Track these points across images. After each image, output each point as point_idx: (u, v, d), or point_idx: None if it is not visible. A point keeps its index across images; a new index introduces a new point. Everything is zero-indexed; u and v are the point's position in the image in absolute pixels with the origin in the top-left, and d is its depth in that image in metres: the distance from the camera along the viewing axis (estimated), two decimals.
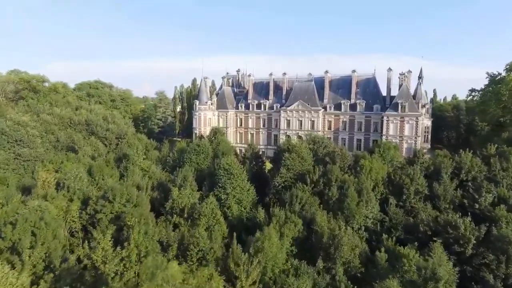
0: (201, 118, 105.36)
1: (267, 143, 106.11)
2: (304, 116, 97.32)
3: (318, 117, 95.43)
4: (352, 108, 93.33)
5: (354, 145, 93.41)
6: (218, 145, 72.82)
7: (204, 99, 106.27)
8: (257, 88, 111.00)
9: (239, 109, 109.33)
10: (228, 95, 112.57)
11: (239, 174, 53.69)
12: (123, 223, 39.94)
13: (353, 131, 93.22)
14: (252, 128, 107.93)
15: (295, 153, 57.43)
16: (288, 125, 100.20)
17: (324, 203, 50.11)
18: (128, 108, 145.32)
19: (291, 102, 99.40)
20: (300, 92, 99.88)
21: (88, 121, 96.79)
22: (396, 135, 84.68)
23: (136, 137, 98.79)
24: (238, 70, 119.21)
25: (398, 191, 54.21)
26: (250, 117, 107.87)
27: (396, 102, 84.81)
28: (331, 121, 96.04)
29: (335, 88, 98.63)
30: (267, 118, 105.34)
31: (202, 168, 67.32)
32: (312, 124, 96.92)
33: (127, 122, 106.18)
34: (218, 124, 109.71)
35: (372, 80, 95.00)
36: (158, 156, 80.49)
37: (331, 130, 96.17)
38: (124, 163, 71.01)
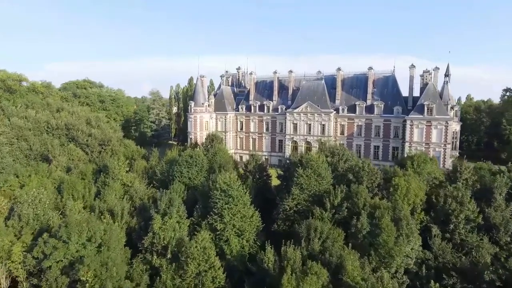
0: (196, 121, 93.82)
1: (271, 149, 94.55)
2: (313, 120, 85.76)
3: (329, 120, 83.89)
4: (369, 111, 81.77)
5: (371, 152, 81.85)
6: (214, 156, 61.27)
7: (200, 100, 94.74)
8: (260, 87, 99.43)
9: (240, 111, 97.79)
10: (227, 95, 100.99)
11: (240, 196, 42.17)
12: (77, 277, 28.42)
13: (370, 136, 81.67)
14: (254, 132, 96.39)
15: (310, 169, 45.86)
16: (294, 129, 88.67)
17: (350, 236, 38.56)
18: (119, 109, 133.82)
19: (298, 104, 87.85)
20: (308, 92, 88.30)
21: (68, 125, 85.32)
22: (421, 141, 73.09)
23: (123, 144, 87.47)
24: (239, 67, 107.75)
25: (442, 218, 42.77)
26: (252, 120, 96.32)
27: (422, 103, 73.23)
28: (344, 125, 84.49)
29: (348, 88, 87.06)
30: (271, 122, 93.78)
31: (195, 184, 55.87)
32: (322, 129, 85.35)
33: (114, 126, 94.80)
34: (216, 128, 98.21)
35: (391, 79, 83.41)
36: (145, 167, 68.98)
37: (344, 135, 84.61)
38: (102, 177, 59.61)
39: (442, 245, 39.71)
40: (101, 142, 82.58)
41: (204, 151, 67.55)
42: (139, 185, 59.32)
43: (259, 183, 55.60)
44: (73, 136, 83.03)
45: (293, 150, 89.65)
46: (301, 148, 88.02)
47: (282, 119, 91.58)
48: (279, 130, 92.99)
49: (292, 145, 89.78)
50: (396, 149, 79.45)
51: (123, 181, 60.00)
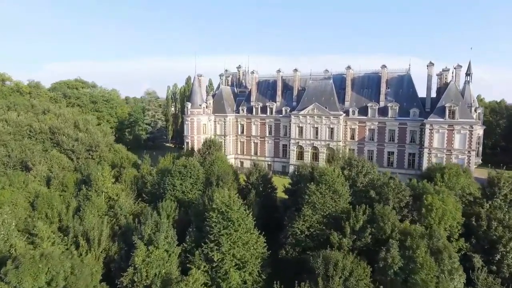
0: (193, 124, 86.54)
1: (274, 154, 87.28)
2: (320, 123, 78.49)
3: (339, 123, 76.62)
4: (382, 113, 74.50)
5: (384, 159, 74.60)
6: (212, 165, 54.00)
7: (198, 101, 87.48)
8: (262, 87, 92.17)
9: (240, 113, 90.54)
10: (227, 96, 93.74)
11: (241, 219, 34.95)
12: None
13: (383, 141, 74.40)
14: (256, 136, 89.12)
15: (324, 184, 38.62)
16: (300, 133, 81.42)
17: (378, 271, 31.34)
18: (112, 110, 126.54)
19: (304, 105, 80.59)
20: (315, 93, 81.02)
21: (53, 129, 78.07)
22: (442, 148, 65.85)
23: (113, 149, 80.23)
24: (239, 66, 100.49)
25: (485, 246, 35.56)
26: (254, 122, 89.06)
27: (443, 105, 65.98)
28: (354, 129, 77.20)
29: (359, 88, 79.78)
30: (274, 124, 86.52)
31: (189, 198, 48.69)
32: (330, 132, 78.08)
33: (104, 130, 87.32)
34: (214, 131, 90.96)
35: (406, 78, 76.10)
36: (135, 176, 61.74)
37: (355, 140, 77.35)
38: (84, 190, 52.39)
39: (488, 280, 32.59)
40: (88, 148, 75.35)
41: (201, 159, 60.38)
42: (125, 199, 52.20)
43: (263, 197, 48.37)
44: (58, 141, 75.90)
45: (299, 156, 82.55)
46: (307, 153, 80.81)
47: (287, 122, 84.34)
48: (283, 134, 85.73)
49: (298, 150, 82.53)
50: (413, 156, 72.19)
51: (108, 194, 52.88)
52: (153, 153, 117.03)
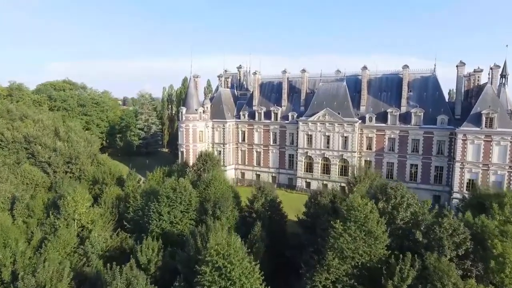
0: (189, 131, 77.06)
1: (280, 165, 77.79)
2: (333, 130, 69.03)
3: (354, 131, 67.17)
4: (404, 120, 65.08)
5: (406, 173, 65.15)
6: (207, 187, 44.43)
7: (194, 105, 77.99)
8: (265, 90, 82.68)
9: (241, 118, 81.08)
10: (227, 99, 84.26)
11: (245, 278, 25.47)
12: None
13: (405, 152, 64.94)
14: (259, 144, 79.64)
15: (354, 222, 29.17)
16: (309, 142, 71.96)
17: None
18: (103, 114, 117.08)
19: (313, 110, 71.14)
20: (326, 97, 71.56)
21: (29, 138, 68.67)
22: (477, 162, 56.42)
23: (96, 161, 70.69)
24: (240, 66, 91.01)
25: None
26: (256, 129, 79.59)
27: (478, 112, 56.56)
28: (371, 138, 67.73)
29: (376, 91, 70.31)
30: (280, 132, 77.03)
31: (178, 231, 39.31)
32: (344, 142, 68.64)
33: (89, 138, 77.78)
34: (212, 138, 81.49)
35: (432, 80, 66.65)
36: (118, 196, 52.35)
37: (372, 150, 67.87)
38: (51, 218, 43.00)
39: None
40: (68, 160, 65.99)
41: (195, 176, 50.87)
42: (101, 229, 42.74)
43: (271, 229, 38.89)
44: (33, 151, 66.50)
45: (307, 168, 73.09)
46: (317, 165, 71.32)
47: (293, 129, 74.87)
48: (289, 143, 76.26)
49: (306, 161, 73.07)
50: (440, 170, 62.74)
51: (81, 222, 43.48)
52: (146, 161, 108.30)
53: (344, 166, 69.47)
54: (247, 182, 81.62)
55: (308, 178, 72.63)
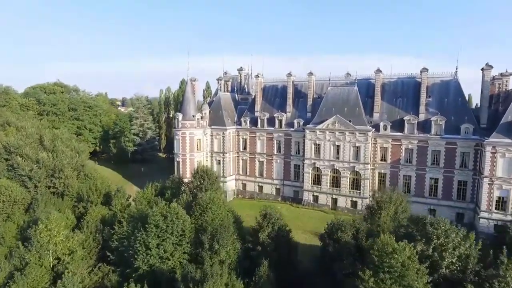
0: (185, 139, 70.77)
1: (284, 176, 71.49)
2: (343, 140, 62.76)
3: (367, 141, 60.89)
4: (422, 129, 58.81)
5: (425, 187, 58.88)
6: (204, 213, 38.09)
7: (191, 111, 71.71)
8: (269, 94, 76.39)
9: (243, 125, 74.80)
10: (226, 104, 77.94)
11: None
12: None
13: (424, 165, 58.66)
14: (262, 154, 73.34)
15: (388, 273, 22.86)
16: (317, 151, 65.68)
17: None
18: (96, 119, 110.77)
19: (322, 117, 64.91)
20: (335, 102, 65.30)
21: (9, 148, 62.45)
22: (509, 178, 50.08)
23: (83, 174, 64.33)
24: (241, 68, 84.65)
25: None
26: (259, 137, 73.30)
27: (510, 121, 50.27)
28: (386, 148, 61.45)
29: (390, 97, 64.02)
30: (284, 140, 70.73)
31: (169, 268, 33.05)
32: (356, 152, 62.35)
33: (76, 146, 71.47)
34: (211, 147, 75.19)
35: (453, 85, 60.35)
36: (102, 218, 46.18)
37: (387, 162, 61.58)
38: (21, 250, 36.84)
39: None
40: (51, 172, 59.70)
41: (190, 196, 44.54)
42: (81, 261, 36.54)
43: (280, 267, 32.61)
44: (13, 163, 60.22)
45: (315, 180, 66.80)
46: (326, 177, 65.05)
47: (299, 138, 68.60)
48: (294, 152, 69.97)
49: (313, 173, 66.78)
50: (464, 184, 56.43)
51: (57, 253, 37.23)
52: (141, 168, 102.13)
53: (355, 179, 63.22)
54: (248, 194, 75.46)
55: (315, 191, 66.36)
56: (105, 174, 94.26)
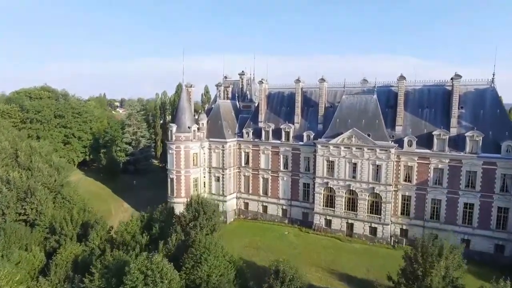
0: (180, 154, 62.50)
1: (292, 196, 63.19)
2: (361, 157, 54.45)
3: (389, 158, 52.55)
4: (454, 145, 50.48)
5: (458, 214, 50.54)
6: (197, 265, 29.67)
7: (186, 121, 63.44)
8: (274, 102, 68.07)
9: (245, 137, 66.49)
10: (226, 113, 69.57)
11: None
12: None
13: (457, 187, 50.33)
14: (266, 170, 64.98)
15: None
16: (330, 169, 57.38)
17: None
18: (86, 126, 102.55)
19: (335, 130, 56.61)
20: (351, 113, 56.96)
21: None
22: None
23: (60, 196, 55.88)
24: (242, 73, 76.34)
25: None
26: (263, 151, 64.96)
27: None
28: (411, 167, 53.09)
29: (415, 107, 55.70)
30: (292, 155, 62.40)
31: None
32: (376, 171, 54.02)
33: (56, 162, 63.08)
34: (209, 162, 66.83)
35: (490, 94, 52.01)
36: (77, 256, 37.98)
37: (412, 183, 53.23)
38: None
39: None
40: (23, 196, 51.33)
41: (180, 236, 36.14)
42: None
43: None
44: None
45: (327, 201, 58.51)
46: (341, 199, 56.75)
47: (309, 153, 60.33)
48: (304, 169, 61.65)
49: (326, 193, 58.47)
50: (505, 211, 48.07)
51: None
52: (133, 181, 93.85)
53: (375, 202, 54.89)
54: (251, 215, 67.18)
55: (328, 214, 58.05)
56: (93, 189, 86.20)
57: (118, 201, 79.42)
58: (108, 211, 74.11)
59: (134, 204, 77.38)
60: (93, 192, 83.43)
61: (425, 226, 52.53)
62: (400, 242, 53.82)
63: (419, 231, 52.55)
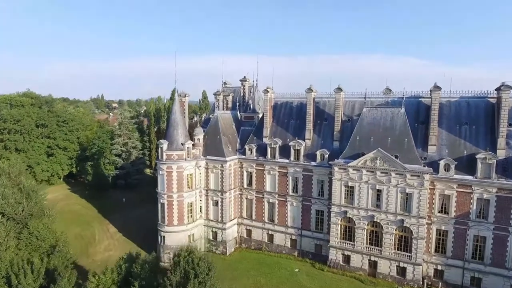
0: (171, 175, 53.52)
1: (302, 225, 54.19)
2: (387, 182, 45.44)
3: (422, 186, 43.54)
4: (503, 171, 41.58)
5: (508, 255, 41.54)
6: None
7: (179, 137, 54.46)
8: (281, 114, 59.06)
9: (247, 154, 57.49)
10: (226, 127, 60.52)
11: None
12: None
13: (507, 223, 41.40)
14: (272, 193, 55.95)
15: None
16: (349, 196, 48.38)
17: None
18: (73, 135, 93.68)
19: (355, 149, 47.65)
20: (374, 129, 47.95)
21: None
22: None
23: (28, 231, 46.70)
24: (244, 79, 67.47)
25: None
26: (269, 171, 55.91)
27: None
28: (449, 196, 44.07)
29: (451, 123, 46.71)
30: (303, 177, 53.35)
31: None
32: (405, 200, 45.05)
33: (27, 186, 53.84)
34: (206, 183, 57.81)
35: None
36: None
37: (450, 216, 44.21)
38: None
39: None
40: None
41: None
42: None
43: None
44: None
45: (345, 233, 49.51)
46: (362, 232, 47.74)
47: (324, 175, 51.35)
48: (317, 193, 52.64)
49: (344, 224, 49.44)
50: None
51: None
52: (123, 199, 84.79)
53: (404, 237, 45.87)
54: (255, 244, 58.21)
55: (346, 249, 49.03)
56: (76, 209, 76.92)
57: (103, 223, 70.40)
58: (91, 236, 65.23)
59: (122, 226, 68.52)
60: (75, 212, 74.54)
61: (466, 267, 43.61)
62: (434, 284, 44.96)
63: (458, 273, 43.92)
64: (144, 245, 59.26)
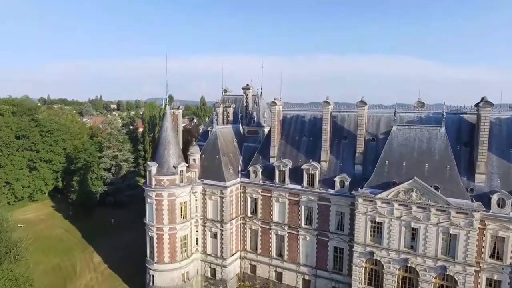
0: (162, 203, 45.01)
1: (317, 263, 45.58)
2: (425, 219, 36.86)
3: (470, 226, 34.95)
4: None
5: None
6: None
7: (170, 159, 45.92)
8: (291, 129, 50.39)
9: (251, 177, 48.83)
10: (226, 145, 51.86)
11: None
12: None
13: None
14: (281, 224, 47.30)
15: None
16: (376, 233, 39.79)
17: None
18: (58, 146, 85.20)
19: (384, 177, 39.04)
20: (407, 153, 39.33)
21: None
22: None
23: None
24: (247, 86, 58.89)
25: None
26: (277, 198, 47.26)
27: None
28: (504, 240, 35.48)
29: (503, 146, 38.18)
30: (318, 207, 44.72)
31: None
32: (448, 242, 36.44)
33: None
34: (203, 212, 49.22)
35: None
36: None
37: (504, 262, 35.64)
38: None
39: None
40: None
41: None
42: None
43: None
44: None
45: (371, 278, 40.81)
46: (391, 278, 39.10)
47: (344, 206, 42.75)
48: (335, 227, 44.02)
49: (369, 266, 40.80)
50: None
51: None
52: (111, 220, 76.32)
53: (446, 287, 37.24)
54: (260, 282, 49.63)
55: None
56: (57, 233, 68.01)
57: (87, 251, 61.91)
58: (71, 268, 56.74)
59: (108, 254, 60.10)
60: (56, 237, 66.06)
61: None
62: None
63: None
64: (132, 280, 51.29)
